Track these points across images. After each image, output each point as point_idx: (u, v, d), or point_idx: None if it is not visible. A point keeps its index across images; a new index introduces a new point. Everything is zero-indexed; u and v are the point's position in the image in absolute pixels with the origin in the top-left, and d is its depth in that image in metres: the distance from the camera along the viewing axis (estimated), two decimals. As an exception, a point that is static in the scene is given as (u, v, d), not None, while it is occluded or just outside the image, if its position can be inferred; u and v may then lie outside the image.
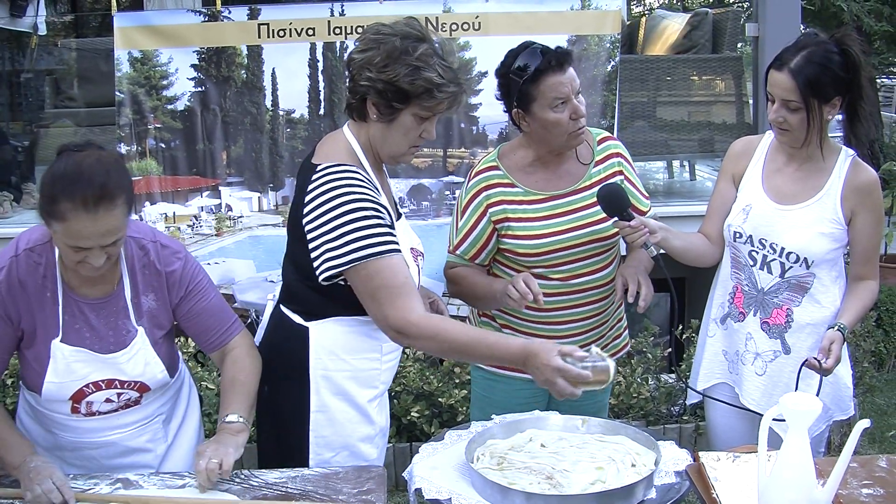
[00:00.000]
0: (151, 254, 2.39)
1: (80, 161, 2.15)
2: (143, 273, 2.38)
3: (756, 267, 2.73)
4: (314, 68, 4.88)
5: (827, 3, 7.05)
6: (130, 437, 2.47)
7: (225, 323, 2.49)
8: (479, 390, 2.95)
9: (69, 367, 2.32)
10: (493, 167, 2.77)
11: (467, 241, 2.77)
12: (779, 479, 1.96)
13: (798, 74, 2.53)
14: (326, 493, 2.21)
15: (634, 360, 4.53)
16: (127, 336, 2.37)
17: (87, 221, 2.10)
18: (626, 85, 5.32)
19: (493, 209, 2.72)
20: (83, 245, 2.14)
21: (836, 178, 2.66)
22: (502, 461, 2.20)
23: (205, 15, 4.89)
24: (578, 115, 2.63)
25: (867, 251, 2.70)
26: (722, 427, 2.89)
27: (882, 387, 5.29)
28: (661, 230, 2.64)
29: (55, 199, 2.11)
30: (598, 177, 2.78)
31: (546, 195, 2.74)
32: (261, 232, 4.96)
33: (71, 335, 2.32)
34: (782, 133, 2.64)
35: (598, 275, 2.77)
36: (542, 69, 2.58)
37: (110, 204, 2.12)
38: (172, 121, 4.89)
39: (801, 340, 2.69)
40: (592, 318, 2.81)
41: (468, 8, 4.87)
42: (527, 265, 2.72)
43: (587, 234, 2.73)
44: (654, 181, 6.33)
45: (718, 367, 2.87)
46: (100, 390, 2.38)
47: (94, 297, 2.34)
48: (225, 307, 2.53)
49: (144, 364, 2.39)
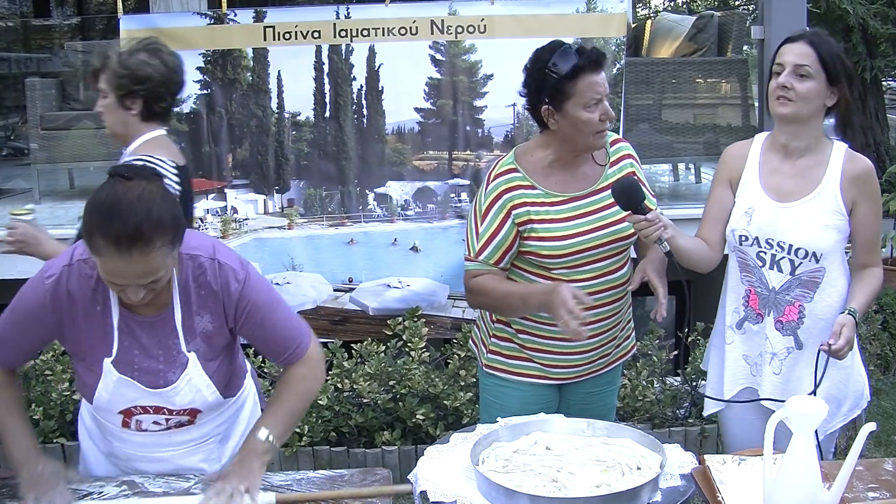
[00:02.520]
0: (208, 273, 2.25)
1: (120, 194, 2.01)
2: (198, 293, 2.26)
3: (766, 267, 2.73)
4: (320, 71, 4.89)
5: (832, 5, 7.04)
6: (182, 456, 2.42)
7: (291, 344, 2.36)
8: (490, 397, 2.94)
9: (117, 390, 2.28)
10: (512, 169, 2.75)
11: (491, 246, 2.73)
12: (784, 482, 1.96)
13: (816, 44, 2.61)
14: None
15: (640, 363, 4.52)
16: (177, 358, 2.28)
17: (119, 262, 2.00)
18: (631, 87, 5.32)
19: (517, 211, 2.70)
20: (118, 282, 2.06)
21: (833, 170, 2.68)
22: (507, 464, 2.19)
23: (210, 17, 4.90)
24: (609, 116, 2.65)
25: (870, 239, 2.73)
26: (739, 430, 2.87)
27: (888, 390, 5.28)
28: (671, 227, 2.64)
29: (90, 231, 2.01)
30: (614, 177, 2.78)
31: (567, 196, 2.74)
32: (266, 234, 4.97)
33: (121, 356, 2.25)
34: (785, 104, 2.63)
35: (615, 275, 2.78)
36: (582, 67, 2.59)
37: (146, 247, 2.00)
38: (178, 123, 4.89)
39: (814, 335, 2.69)
40: (609, 319, 2.81)
41: (474, 11, 4.87)
42: (549, 267, 2.72)
43: (608, 234, 2.73)
44: (660, 184, 6.32)
45: (741, 372, 2.85)
46: (147, 414, 2.34)
47: (145, 314, 2.25)
48: (291, 326, 2.38)
49: (195, 392, 2.32)
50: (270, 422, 2.29)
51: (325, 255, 4.98)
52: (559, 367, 2.83)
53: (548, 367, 2.83)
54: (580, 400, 2.89)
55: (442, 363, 4.50)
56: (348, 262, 4.98)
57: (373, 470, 2.37)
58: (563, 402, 2.90)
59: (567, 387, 2.89)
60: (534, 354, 2.82)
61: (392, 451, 4.22)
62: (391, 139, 4.98)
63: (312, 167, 4.99)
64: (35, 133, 5.84)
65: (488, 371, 2.91)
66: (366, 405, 4.28)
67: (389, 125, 4.97)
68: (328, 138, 4.97)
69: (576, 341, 2.68)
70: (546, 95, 2.64)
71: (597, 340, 2.81)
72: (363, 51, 4.86)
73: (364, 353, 4.51)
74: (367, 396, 4.25)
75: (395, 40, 4.84)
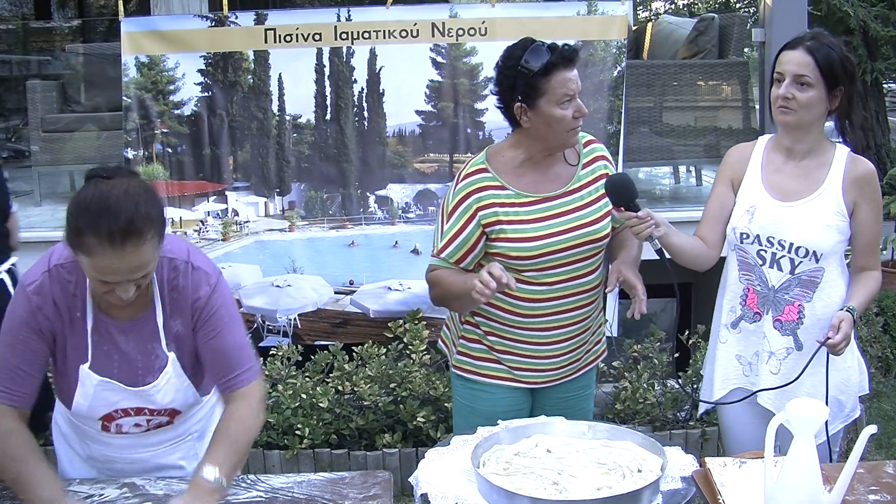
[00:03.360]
0: (181, 276, 2.26)
1: (107, 192, 2.02)
2: (172, 296, 2.27)
3: (765, 266, 2.74)
4: (321, 73, 4.89)
5: (833, 8, 7.05)
6: (162, 455, 2.44)
7: (238, 367, 2.29)
8: (462, 399, 2.90)
9: (97, 394, 2.27)
10: (483, 169, 2.72)
11: (453, 245, 2.70)
12: (785, 484, 1.96)
13: (814, 52, 2.61)
14: (332, 498, 2.22)
15: (641, 366, 4.52)
16: (156, 361, 2.28)
17: (113, 258, 2.00)
18: (632, 90, 5.32)
19: (484, 212, 2.67)
20: (110, 280, 2.05)
21: (835, 171, 2.69)
22: (508, 466, 2.19)
23: (212, 20, 4.90)
24: (582, 113, 2.62)
25: (870, 242, 2.74)
26: (738, 432, 2.88)
27: (889, 392, 5.27)
28: (663, 225, 2.64)
29: (80, 232, 2.00)
30: (587, 179, 2.75)
31: (538, 197, 2.71)
32: (267, 237, 4.98)
33: (99, 361, 2.25)
34: (787, 112, 2.66)
35: (587, 279, 2.74)
36: (555, 63, 2.57)
37: (138, 240, 2.01)
38: (179, 126, 4.90)
39: (813, 336, 2.69)
40: (579, 324, 2.78)
41: (475, 13, 4.88)
42: (519, 269, 2.68)
43: (581, 235, 2.70)
44: (661, 186, 6.33)
45: (733, 372, 2.86)
46: (129, 416, 2.34)
47: (123, 318, 2.25)
48: (244, 350, 2.33)
49: (175, 391, 2.32)
50: (218, 459, 2.18)
51: (325, 258, 4.99)
52: (528, 370, 2.79)
53: (517, 371, 2.79)
54: (554, 405, 2.83)
55: (443, 366, 4.50)
56: (349, 265, 4.99)
57: (373, 472, 2.37)
58: (536, 407, 2.85)
59: (540, 391, 2.85)
60: (503, 357, 2.78)
61: (393, 453, 4.22)
62: (392, 142, 4.99)
63: (313, 169, 4.99)
64: (36, 135, 5.85)
65: (457, 372, 2.87)
66: (366, 408, 4.28)
67: (390, 127, 4.98)
68: (329, 141, 4.97)
69: (543, 345, 2.70)
70: (519, 93, 2.61)
71: (568, 345, 2.78)
72: (364, 53, 4.87)
73: (365, 356, 4.51)
74: (367, 399, 4.24)
75: (395, 43, 4.85)
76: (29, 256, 5.08)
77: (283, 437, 4.22)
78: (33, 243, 5.10)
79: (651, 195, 5.90)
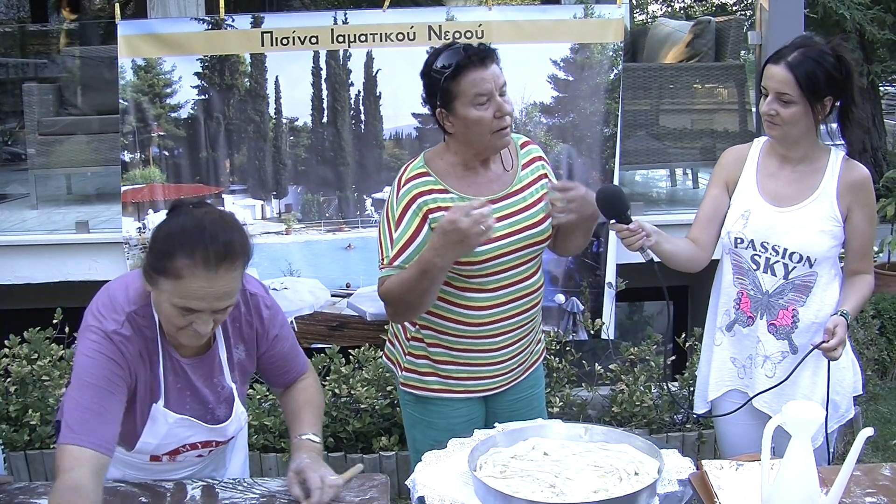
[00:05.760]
0: (241, 304, 2.28)
1: (201, 217, 2.04)
2: (234, 325, 2.29)
3: (759, 270, 2.75)
4: (317, 76, 4.89)
5: (829, 11, 7.07)
6: (199, 472, 2.45)
7: (296, 364, 2.46)
8: (417, 414, 2.81)
9: (170, 432, 2.26)
10: (424, 173, 2.64)
11: (408, 251, 2.57)
12: (782, 487, 1.96)
13: (795, 68, 2.59)
14: (329, 502, 2.21)
15: (637, 369, 4.52)
16: (222, 393, 2.32)
17: (203, 281, 1.99)
18: (628, 93, 5.33)
19: (433, 215, 2.58)
20: (194, 307, 2.03)
21: (829, 176, 2.70)
22: (505, 469, 2.19)
23: (208, 23, 4.90)
24: (503, 112, 2.55)
25: (863, 246, 2.75)
26: (734, 435, 2.88)
27: (886, 395, 5.28)
28: (654, 233, 2.63)
29: (171, 255, 1.99)
30: (527, 180, 2.70)
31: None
32: (264, 240, 4.97)
33: (173, 398, 2.24)
34: (772, 127, 2.67)
35: (529, 282, 2.70)
36: (463, 65, 2.51)
37: (231, 264, 2.01)
38: (176, 129, 4.90)
39: (808, 339, 2.70)
40: (523, 327, 2.74)
41: (471, 16, 4.89)
42: (466, 275, 2.61)
43: (524, 238, 2.65)
44: (657, 189, 6.33)
45: (728, 374, 2.87)
46: (196, 449, 2.36)
47: (190, 355, 2.25)
48: (296, 346, 2.47)
49: (238, 420, 2.37)
50: (314, 425, 2.37)
51: (322, 261, 4.99)
52: (476, 378, 2.74)
53: (465, 381, 2.74)
54: (507, 408, 2.80)
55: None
56: (346, 268, 4.99)
57: (370, 475, 2.37)
58: (490, 413, 2.81)
59: (491, 398, 2.80)
60: (449, 369, 2.72)
61: (390, 456, 4.22)
62: (389, 144, 4.99)
63: (310, 172, 4.99)
64: (32, 138, 5.84)
65: (406, 390, 2.80)
66: (363, 411, 4.28)
67: (387, 130, 4.98)
68: (326, 144, 4.97)
69: (490, 352, 2.67)
70: (437, 98, 2.58)
71: (514, 349, 2.74)
72: (361, 56, 4.88)
73: (361, 359, 4.51)
74: (364, 402, 4.24)
75: (392, 46, 4.85)
76: (25, 259, 5.11)
77: (279, 441, 4.22)
78: (29, 247, 5.11)
79: (647, 198, 5.90)
